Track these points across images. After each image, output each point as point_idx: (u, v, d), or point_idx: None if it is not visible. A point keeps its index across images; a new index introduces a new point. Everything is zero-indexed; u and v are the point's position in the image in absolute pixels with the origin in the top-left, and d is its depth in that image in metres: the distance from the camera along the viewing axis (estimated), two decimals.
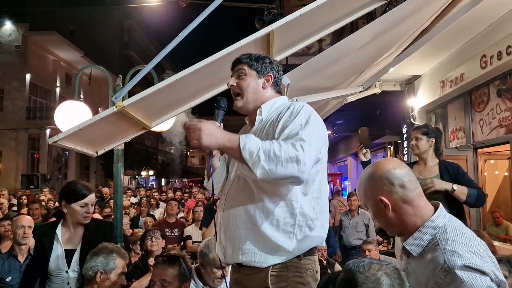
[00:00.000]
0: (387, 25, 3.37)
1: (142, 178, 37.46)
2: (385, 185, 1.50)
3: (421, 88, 7.81)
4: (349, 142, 17.59)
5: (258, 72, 1.98)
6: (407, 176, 1.52)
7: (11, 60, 22.54)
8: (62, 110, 3.47)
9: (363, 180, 1.58)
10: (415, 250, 1.49)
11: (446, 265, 1.36)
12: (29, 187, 19.28)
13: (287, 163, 1.62)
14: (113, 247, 2.41)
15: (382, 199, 1.50)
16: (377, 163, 1.60)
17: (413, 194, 1.50)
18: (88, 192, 2.67)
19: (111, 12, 32.68)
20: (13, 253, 3.57)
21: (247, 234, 1.81)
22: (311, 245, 1.85)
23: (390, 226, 1.55)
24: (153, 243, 4.19)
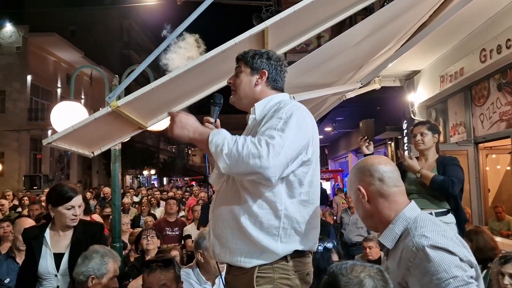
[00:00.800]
0: (384, 20, 3.33)
1: (144, 177, 37.53)
2: (365, 176, 1.61)
3: (420, 83, 7.78)
4: (349, 138, 17.55)
5: (252, 69, 1.96)
6: (389, 172, 1.60)
7: (12, 61, 22.56)
8: (58, 111, 3.45)
9: (351, 170, 1.71)
10: (389, 243, 1.55)
11: (414, 247, 1.42)
12: (32, 187, 19.34)
13: (248, 159, 1.60)
14: (105, 251, 2.39)
15: (360, 188, 1.60)
16: (367, 157, 1.74)
17: (390, 189, 1.58)
18: (74, 194, 2.64)
19: (111, 12, 32.68)
20: (11, 255, 3.56)
21: (233, 233, 1.79)
22: (298, 247, 1.80)
23: (367, 218, 1.64)
24: (149, 242, 4.19)
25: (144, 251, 4.28)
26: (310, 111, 1.92)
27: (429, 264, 1.37)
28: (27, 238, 2.73)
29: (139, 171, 34.63)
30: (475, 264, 1.43)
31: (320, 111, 5.46)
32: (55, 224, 2.70)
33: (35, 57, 23.51)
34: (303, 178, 1.79)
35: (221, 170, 1.66)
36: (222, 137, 1.68)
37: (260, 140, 1.63)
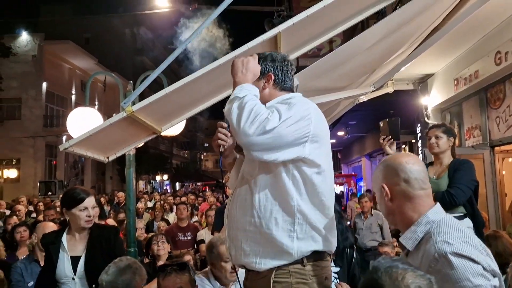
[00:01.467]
0: (397, 24, 3.32)
1: (157, 182, 37.76)
2: (391, 175, 1.58)
3: (434, 87, 7.70)
4: (363, 142, 17.42)
5: (260, 73, 1.95)
6: (416, 173, 1.55)
7: (28, 69, 22.99)
8: (74, 117, 3.51)
9: (378, 165, 1.67)
10: (409, 245, 1.52)
11: (436, 253, 1.39)
12: (47, 193, 19.59)
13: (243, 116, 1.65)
14: (136, 267, 2.39)
15: (384, 186, 1.58)
16: (397, 154, 1.71)
17: (415, 192, 1.54)
18: (86, 196, 2.69)
19: (124, 19, 33.09)
20: (35, 258, 3.62)
21: (247, 235, 1.79)
22: (314, 247, 1.78)
23: (389, 214, 1.62)
24: (160, 247, 4.21)
25: (155, 256, 4.30)
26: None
27: (451, 271, 1.33)
28: (45, 243, 2.79)
29: (152, 176, 34.87)
30: (498, 273, 1.39)
31: (333, 115, 5.45)
32: (71, 228, 2.75)
33: (50, 64, 23.93)
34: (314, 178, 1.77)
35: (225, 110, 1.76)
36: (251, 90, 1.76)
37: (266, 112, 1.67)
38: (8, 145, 21.72)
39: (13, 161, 22.79)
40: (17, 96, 23.13)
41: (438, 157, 3.48)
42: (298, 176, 1.76)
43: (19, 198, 9.76)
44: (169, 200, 11.12)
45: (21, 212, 7.55)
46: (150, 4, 14.00)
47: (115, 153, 3.04)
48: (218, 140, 1.95)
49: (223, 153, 1.99)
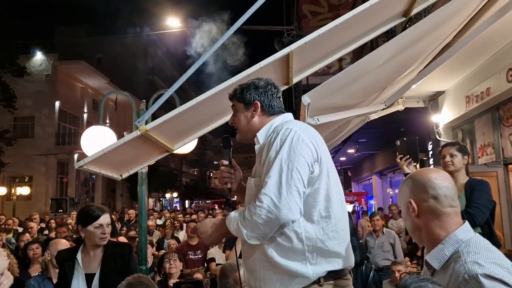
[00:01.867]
0: (407, 42, 3.34)
1: (167, 200, 37.78)
2: (419, 190, 1.52)
3: (445, 104, 7.68)
4: (373, 160, 17.31)
5: (245, 104, 1.98)
6: (446, 189, 1.50)
7: (42, 88, 23.46)
8: (88, 135, 3.56)
9: (405, 180, 1.61)
10: (436, 264, 1.46)
11: (466, 274, 1.33)
12: (58, 211, 19.74)
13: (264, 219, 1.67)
14: (149, 285, 2.37)
15: (411, 202, 1.52)
16: (426, 169, 1.67)
17: (444, 209, 1.49)
18: (101, 213, 2.72)
19: (136, 39, 33.74)
20: (48, 276, 3.64)
21: (263, 265, 1.81)
22: (330, 267, 1.78)
23: (414, 231, 1.56)
24: (171, 266, 4.19)
25: (167, 274, 4.28)
26: (333, 133, 1.94)
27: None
28: (59, 260, 2.80)
29: (162, 194, 34.93)
30: None
31: (344, 133, 5.44)
32: (86, 246, 2.77)
33: (63, 84, 24.39)
34: (316, 195, 1.78)
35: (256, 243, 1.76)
36: (234, 220, 1.78)
37: (260, 196, 1.70)
38: (21, 163, 22.01)
39: (25, 179, 23.05)
40: (31, 115, 23.57)
41: (452, 176, 3.43)
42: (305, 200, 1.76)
43: (32, 215, 9.83)
44: (179, 217, 11.11)
45: (33, 229, 7.60)
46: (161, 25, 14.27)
47: (128, 170, 3.07)
48: (223, 178, 2.06)
49: (232, 189, 2.07)
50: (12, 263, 4.06)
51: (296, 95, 10.35)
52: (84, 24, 33.45)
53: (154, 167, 25.65)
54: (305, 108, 2.90)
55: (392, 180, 17.21)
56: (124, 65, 33.61)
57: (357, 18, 2.60)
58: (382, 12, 3.02)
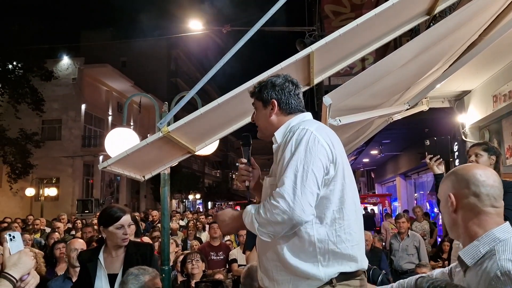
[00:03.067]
0: (431, 40, 3.28)
1: (190, 201, 38.13)
2: (461, 185, 1.48)
3: (471, 104, 7.49)
4: (397, 161, 17.03)
5: (263, 102, 1.99)
6: (489, 188, 1.45)
7: (68, 92, 24.08)
8: (111, 137, 3.62)
9: (448, 173, 1.57)
10: (469, 260, 1.43)
11: (499, 271, 1.30)
12: (84, 211, 20.21)
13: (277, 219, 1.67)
14: (138, 271, 2.41)
15: (451, 196, 1.49)
16: (473, 164, 1.70)
17: (484, 208, 1.44)
18: (122, 214, 2.75)
19: (159, 42, 34.24)
20: (68, 276, 3.69)
21: (276, 266, 1.82)
22: (342, 269, 1.77)
23: (452, 226, 1.53)
24: (194, 266, 4.22)
25: (189, 275, 4.31)
26: (356, 134, 1.92)
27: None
28: (82, 260, 2.85)
29: (185, 196, 35.28)
30: None
31: (366, 134, 5.38)
32: (107, 246, 2.80)
33: (89, 87, 24.97)
34: (331, 196, 1.77)
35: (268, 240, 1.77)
36: (249, 214, 1.79)
37: (275, 195, 1.70)
38: (49, 165, 22.63)
39: (53, 180, 23.70)
40: (58, 118, 24.23)
41: None
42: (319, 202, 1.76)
43: (60, 216, 10.10)
44: (201, 219, 11.20)
45: (60, 229, 7.78)
46: (184, 27, 14.43)
47: (151, 172, 3.11)
48: (241, 176, 2.09)
49: (249, 188, 2.10)
50: (40, 262, 4.18)
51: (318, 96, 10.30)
52: (109, 28, 34.15)
53: (177, 168, 25.98)
54: (327, 109, 2.88)
55: (416, 181, 16.91)
56: (147, 68, 34.15)
57: (380, 17, 2.57)
58: (405, 10, 2.97)
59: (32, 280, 1.74)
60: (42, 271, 4.14)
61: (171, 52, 37.60)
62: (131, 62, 34.28)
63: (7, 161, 19.34)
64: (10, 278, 1.66)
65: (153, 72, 34.40)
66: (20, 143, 19.39)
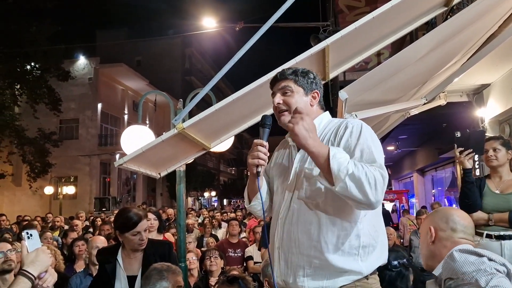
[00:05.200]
0: (449, 33, 3.21)
1: (205, 199, 38.34)
2: (441, 221, 1.77)
3: (491, 97, 7.32)
4: (414, 157, 16.80)
5: (304, 89, 1.91)
6: (464, 227, 1.74)
7: (85, 91, 24.42)
8: (127, 135, 3.65)
9: (433, 212, 1.93)
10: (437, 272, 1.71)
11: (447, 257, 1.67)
12: (101, 209, 20.49)
13: (368, 187, 1.57)
14: (162, 267, 2.39)
15: (431, 228, 1.76)
16: (447, 208, 1.99)
17: (458, 239, 1.71)
18: (138, 220, 2.66)
19: (173, 41, 34.46)
20: (89, 272, 3.74)
21: (312, 261, 1.75)
22: (377, 264, 1.80)
23: (428, 257, 1.79)
24: (212, 263, 4.23)
25: (208, 272, 4.33)
26: (372, 129, 1.89)
27: (454, 264, 1.57)
28: (100, 260, 2.84)
29: (200, 193, 35.49)
30: None
31: (383, 129, 5.31)
32: (125, 248, 2.76)
33: (105, 86, 25.28)
34: None
35: (336, 189, 1.60)
36: (346, 158, 1.62)
37: (376, 171, 1.61)
38: (67, 164, 23.01)
39: (71, 179, 24.10)
40: (75, 117, 24.61)
41: (496, 171, 3.30)
42: None
43: (78, 214, 10.24)
44: (217, 216, 11.24)
45: (78, 227, 7.89)
46: (197, 25, 14.46)
47: (166, 169, 3.12)
48: (258, 160, 1.80)
49: (259, 174, 1.84)
50: (59, 259, 4.24)
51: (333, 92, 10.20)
52: (124, 28, 34.48)
53: (192, 166, 26.15)
54: (343, 104, 2.85)
55: (434, 177, 16.67)
56: (162, 66, 34.41)
57: (395, 10, 2.52)
58: (422, 2, 2.91)
59: (49, 278, 1.76)
60: (61, 268, 4.20)
61: (185, 51, 37.79)
62: (146, 61, 34.58)
63: (27, 160, 19.70)
64: (29, 275, 1.68)
65: (167, 70, 34.64)
66: (38, 142, 19.74)
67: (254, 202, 2.01)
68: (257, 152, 1.81)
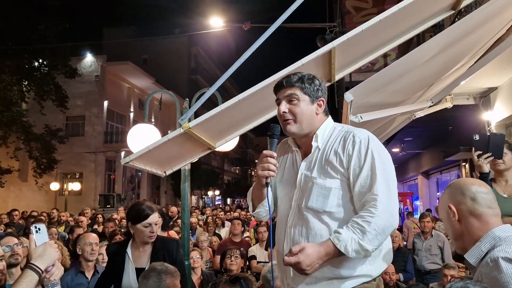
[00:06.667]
0: (456, 36, 3.20)
1: (209, 197, 38.41)
2: (457, 195, 1.62)
3: (498, 101, 7.29)
4: (419, 159, 16.74)
5: (310, 97, 1.89)
6: (483, 193, 1.59)
7: (91, 89, 24.55)
8: (133, 133, 3.67)
9: (444, 191, 1.72)
10: (473, 259, 1.52)
11: (489, 259, 1.44)
12: (106, 206, 20.62)
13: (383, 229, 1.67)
14: (162, 268, 2.43)
15: (450, 206, 1.62)
16: (459, 179, 1.84)
17: (482, 209, 1.56)
18: (150, 212, 2.79)
19: (179, 40, 34.53)
20: (81, 270, 3.63)
21: (323, 270, 1.74)
22: (384, 266, 1.84)
23: (457, 239, 1.63)
24: (232, 262, 4.26)
25: (227, 270, 4.35)
26: (377, 131, 1.92)
27: (500, 275, 1.36)
28: (110, 253, 2.92)
29: (204, 192, 35.56)
30: None
31: (388, 131, 5.30)
32: (135, 241, 2.86)
33: (111, 84, 25.39)
34: None
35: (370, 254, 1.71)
36: (351, 241, 1.64)
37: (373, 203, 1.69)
38: (73, 160, 23.15)
39: (76, 175, 24.23)
40: (81, 114, 24.74)
41: (501, 175, 3.29)
42: None
43: (84, 210, 10.30)
44: (220, 215, 11.26)
45: (83, 223, 7.94)
46: (204, 25, 14.50)
47: (171, 167, 3.14)
48: (268, 172, 1.83)
49: (269, 184, 1.88)
50: (65, 255, 4.27)
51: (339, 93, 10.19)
52: (130, 26, 34.61)
53: (196, 165, 26.18)
54: (348, 106, 2.85)
55: (439, 180, 16.60)
56: (168, 65, 34.49)
57: (403, 12, 2.52)
58: (429, 5, 2.91)
59: (56, 271, 1.79)
60: (67, 264, 4.23)
61: (191, 50, 37.87)
62: (152, 59, 34.68)
63: (33, 156, 19.82)
64: (36, 269, 1.70)
65: (173, 69, 34.72)
66: (45, 139, 19.85)
67: (259, 209, 2.01)
68: (267, 164, 1.84)
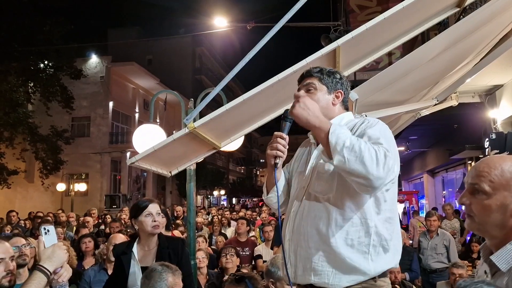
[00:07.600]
0: (461, 34, 3.19)
1: (214, 197, 38.48)
2: None
3: (504, 98, 7.25)
4: (424, 158, 16.67)
5: (328, 88, 1.95)
6: None
7: (97, 90, 24.65)
8: (139, 133, 3.69)
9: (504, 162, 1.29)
10: (504, 265, 1.23)
11: None
12: (112, 206, 20.70)
13: (367, 160, 1.57)
14: (162, 267, 2.44)
15: None
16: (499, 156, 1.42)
17: None
18: (149, 202, 2.87)
19: (184, 40, 34.58)
20: (104, 267, 3.86)
21: (320, 254, 1.76)
22: (386, 267, 1.78)
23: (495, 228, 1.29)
24: (228, 261, 4.28)
25: (224, 269, 4.37)
26: None
27: None
28: (116, 253, 2.94)
29: (209, 192, 35.62)
30: None
31: (393, 130, 5.29)
32: (141, 240, 2.89)
33: (116, 85, 25.48)
34: (387, 195, 1.79)
35: (334, 162, 1.63)
36: (346, 132, 1.66)
37: (379, 148, 1.62)
38: (78, 161, 23.26)
39: (82, 176, 24.35)
40: (87, 115, 24.84)
41: None
42: (379, 194, 1.76)
43: (91, 211, 10.35)
44: (226, 214, 11.27)
45: (89, 223, 7.98)
46: (208, 25, 14.51)
47: (177, 167, 3.15)
48: (276, 151, 1.84)
49: (277, 166, 1.90)
50: (72, 256, 4.31)
51: None
52: (135, 27, 34.72)
53: (202, 165, 26.23)
54: (353, 104, 2.85)
55: (444, 179, 16.52)
56: (173, 65, 34.57)
57: (407, 10, 2.51)
58: (434, 2, 2.90)
59: (65, 273, 1.80)
60: (73, 264, 4.27)
61: (195, 50, 37.93)
62: (157, 60, 34.78)
63: (39, 157, 19.94)
64: (45, 270, 1.72)
65: (178, 69, 34.79)
66: (51, 139, 19.95)
67: (271, 194, 2.05)
68: (276, 144, 1.85)
